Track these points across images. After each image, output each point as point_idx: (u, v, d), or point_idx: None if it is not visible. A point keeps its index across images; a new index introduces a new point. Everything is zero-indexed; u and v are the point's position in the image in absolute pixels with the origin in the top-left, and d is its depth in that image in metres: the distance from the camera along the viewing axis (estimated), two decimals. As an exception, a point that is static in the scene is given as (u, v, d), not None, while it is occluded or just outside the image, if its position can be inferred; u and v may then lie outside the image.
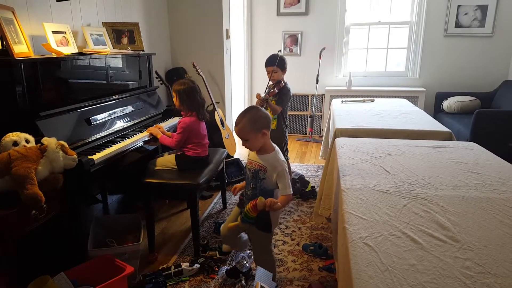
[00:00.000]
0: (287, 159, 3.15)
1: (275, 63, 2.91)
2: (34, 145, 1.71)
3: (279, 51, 3.19)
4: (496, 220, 1.38)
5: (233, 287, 2.08)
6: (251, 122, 1.72)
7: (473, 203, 1.52)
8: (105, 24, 3.03)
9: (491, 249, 1.19)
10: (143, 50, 3.25)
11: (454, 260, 1.13)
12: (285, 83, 2.99)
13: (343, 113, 3.39)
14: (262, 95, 2.90)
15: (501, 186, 1.70)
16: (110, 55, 2.62)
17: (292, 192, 1.76)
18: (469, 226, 1.34)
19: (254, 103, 5.23)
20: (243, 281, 2.08)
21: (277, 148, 1.82)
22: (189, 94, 2.42)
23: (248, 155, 1.87)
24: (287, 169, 1.78)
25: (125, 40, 3.17)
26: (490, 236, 1.27)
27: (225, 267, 2.20)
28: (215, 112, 3.76)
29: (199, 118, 2.49)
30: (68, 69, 2.24)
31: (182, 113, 2.53)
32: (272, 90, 2.91)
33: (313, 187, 3.33)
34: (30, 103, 1.92)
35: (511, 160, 2.09)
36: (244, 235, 2.05)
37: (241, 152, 4.62)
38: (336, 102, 4.07)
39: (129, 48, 3.08)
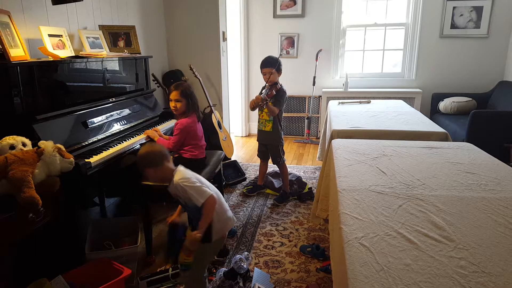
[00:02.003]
0: (283, 161, 3.16)
1: (273, 65, 2.92)
2: (31, 148, 1.72)
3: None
4: (490, 220, 1.39)
5: (230, 289, 2.08)
6: (140, 164, 1.79)
7: (468, 203, 1.53)
8: (102, 27, 3.03)
9: (485, 248, 1.20)
10: (139, 53, 3.25)
11: (449, 260, 1.14)
12: (281, 85, 3.00)
13: (339, 115, 3.40)
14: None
15: (496, 186, 1.71)
16: (107, 58, 2.63)
17: (205, 198, 1.67)
18: (464, 226, 1.35)
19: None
20: (240, 283, 2.09)
21: (175, 170, 1.78)
22: (194, 96, 2.50)
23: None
24: (189, 182, 1.71)
25: (121, 43, 3.18)
26: (484, 236, 1.28)
27: (223, 269, 2.20)
28: (212, 114, 3.76)
29: (199, 119, 2.54)
30: (64, 72, 2.24)
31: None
32: (269, 92, 2.91)
33: (310, 188, 3.34)
34: (27, 107, 1.92)
35: (506, 161, 2.10)
36: None
37: (238, 154, 4.63)
38: (332, 104, 4.08)
39: (125, 51, 3.08)
